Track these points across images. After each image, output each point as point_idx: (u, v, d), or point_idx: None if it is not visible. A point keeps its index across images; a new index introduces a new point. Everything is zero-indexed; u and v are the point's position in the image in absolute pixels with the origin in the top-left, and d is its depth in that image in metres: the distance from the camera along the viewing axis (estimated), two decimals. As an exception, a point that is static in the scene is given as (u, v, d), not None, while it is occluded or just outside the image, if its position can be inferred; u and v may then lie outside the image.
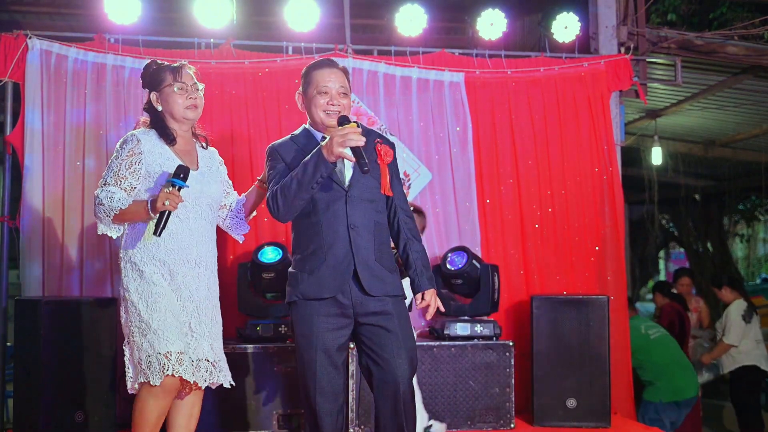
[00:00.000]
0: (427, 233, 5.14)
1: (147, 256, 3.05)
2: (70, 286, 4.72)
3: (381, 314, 3.00)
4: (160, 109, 3.17)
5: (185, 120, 3.18)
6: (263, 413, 4.34)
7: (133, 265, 3.06)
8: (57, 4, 6.49)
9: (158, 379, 2.95)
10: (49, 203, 4.73)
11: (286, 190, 2.94)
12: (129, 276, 3.07)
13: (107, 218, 3.05)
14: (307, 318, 2.98)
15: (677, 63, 5.80)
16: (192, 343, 3.04)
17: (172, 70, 3.17)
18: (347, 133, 2.86)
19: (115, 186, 3.04)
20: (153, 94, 3.18)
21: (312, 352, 2.95)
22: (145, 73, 3.24)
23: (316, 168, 2.89)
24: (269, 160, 3.12)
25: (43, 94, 4.76)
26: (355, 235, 2.99)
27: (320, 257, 2.99)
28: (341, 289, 2.97)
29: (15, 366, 4.46)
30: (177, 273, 3.05)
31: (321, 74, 3.08)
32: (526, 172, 5.31)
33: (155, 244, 3.03)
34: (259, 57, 5.09)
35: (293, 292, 3.03)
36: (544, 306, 4.78)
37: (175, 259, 3.05)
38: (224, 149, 4.95)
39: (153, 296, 3.01)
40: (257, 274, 4.48)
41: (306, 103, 3.13)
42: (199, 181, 3.14)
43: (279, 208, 2.97)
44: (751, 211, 13.06)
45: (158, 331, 2.97)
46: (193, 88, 3.16)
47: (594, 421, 4.67)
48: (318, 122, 3.10)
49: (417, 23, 5.26)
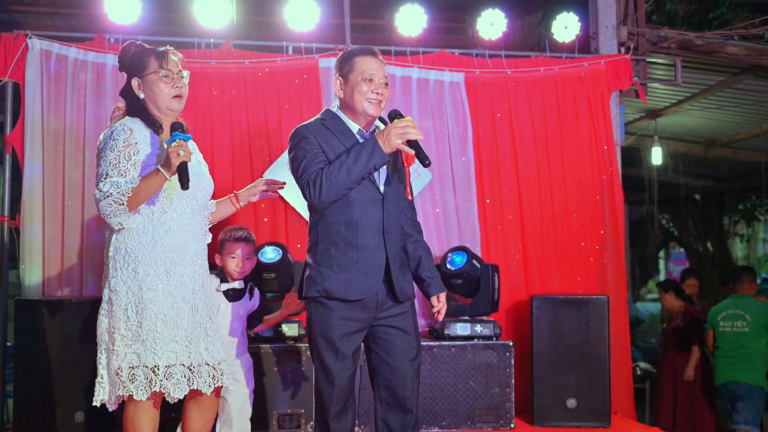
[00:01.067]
0: (426, 233, 5.12)
1: (143, 255, 2.81)
2: (70, 286, 4.72)
3: (397, 315, 2.98)
4: (142, 97, 2.93)
5: (169, 111, 2.95)
6: (263, 413, 4.33)
7: (125, 265, 2.81)
8: (57, 4, 6.49)
9: (144, 394, 2.76)
10: (49, 203, 4.73)
11: (332, 176, 2.81)
12: (119, 277, 2.82)
13: (120, 206, 2.74)
14: (328, 320, 2.91)
15: (677, 63, 5.81)
16: (191, 349, 2.83)
17: (157, 56, 2.93)
18: (406, 126, 2.84)
19: (119, 177, 2.79)
20: (135, 80, 2.94)
21: (332, 356, 2.91)
22: (125, 55, 2.97)
23: (370, 158, 2.81)
24: (300, 140, 2.94)
25: (43, 94, 4.76)
26: (389, 240, 2.95)
27: (351, 258, 2.91)
28: (369, 294, 2.91)
29: (15, 366, 4.46)
30: (174, 273, 2.84)
31: (366, 61, 3.00)
32: (526, 172, 5.31)
33: (152, 243, 2.81)
34: (259, 57, 5.09)
35: (315, 288, 2.92)
36: (544, 306, 4.78)
37: (173, 257, 2.84)
38: (223, 149, 4.98)
39: (144, 302, 2.78)
40: (257, 274, 4.47)
41: (347, 89, 2.99)
42: (194, 173, 2.88)
43: (321, 193, 2.82)
44: (751, 211, 13.05)
45: (147, 342, 2.76)
46: (178, 76, 2.95)
47: (594, 421, 4.67)
48: (359, 110, 2.97)
49: (417, 23, 5.26)
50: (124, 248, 2.83)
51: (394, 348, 2.97)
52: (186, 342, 2.83)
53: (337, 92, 3.05)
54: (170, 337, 2.80)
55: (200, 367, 2.85)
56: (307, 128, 2.98)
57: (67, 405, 4.11)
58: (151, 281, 2.80)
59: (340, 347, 2.90)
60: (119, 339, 2.79)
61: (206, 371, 2.85)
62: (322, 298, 2.92)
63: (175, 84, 2.93)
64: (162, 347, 2.77)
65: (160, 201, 2.86)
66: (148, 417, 2.85)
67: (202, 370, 2.85)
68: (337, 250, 2.92)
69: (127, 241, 2.84)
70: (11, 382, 4.85)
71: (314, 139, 2.94)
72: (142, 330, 2.77)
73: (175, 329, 2.81)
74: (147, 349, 2.77)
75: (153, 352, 2.76)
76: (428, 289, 3.11)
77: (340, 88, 3.03)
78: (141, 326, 2.78)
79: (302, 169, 2.90)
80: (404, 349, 2.98)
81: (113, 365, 2.80)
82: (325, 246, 2.95)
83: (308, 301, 2.99)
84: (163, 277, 2.82)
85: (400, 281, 2.97)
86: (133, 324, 2.79)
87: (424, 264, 3.11)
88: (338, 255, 2.92)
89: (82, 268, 4.74)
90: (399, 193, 3.03)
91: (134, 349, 2.78)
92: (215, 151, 4.93)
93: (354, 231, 2.91)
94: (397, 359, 2.97)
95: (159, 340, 2.77)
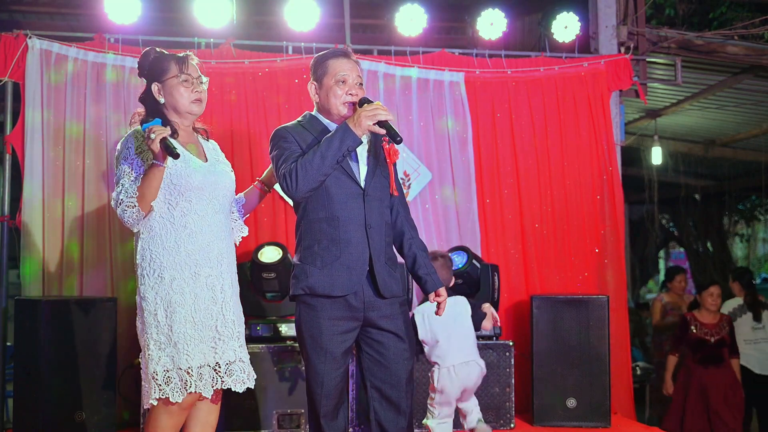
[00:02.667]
0: (426, 233, 5.14)
1: (167, 260, 2.83)
2: (70, 286, 4.72)
3: (389, 317, 2.98)
4: (162, 102, 2.96)
5: (189, 114, 2.98)
6: (263, 413, 4.34)
7: (152, 271, 2.84)
8: (57, 4, 6.49)
9: (180, 396, 2.78)
10: (49, 203, 4.73)
11: (307, 164, 2.84)
12: (147, 284, 2.84)
13: (132, 209, 2.77)
14: (315, 320, 2.92)
15: (677, 63, 5.81)
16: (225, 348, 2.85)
17: (178, 61, 2.96)
18: (376, 108, 2.85)
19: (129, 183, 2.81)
20: (155, 85, 2.96)
21: (320, 357, 2.92)
22: (145, 61, 3.00)
23: (342, 141, 2.83)
24: (279, 140, 2.98)
25: (43, 94, 4.77)
26: (372, 235, 2.95)
27: (334, 254, 2.92)
28: (354, 289, 2.92)
29: (15, 366, 4.46)
30: (200, 274, 2.85)
31: (338, 63, 3.01)
32: (526, 172, 5.31)
33: (175, 246, 2.83)
34: (259, 57, 5.09)
35: (299, 285, 2.94)
36: (544, 306, 4.78)
37: (197, 259, 2.85)
38: (224, 149, 4.91)
39: (172, 305, 2.80)
40: (257, 273, 4.47)
41: (321, 93, 3.02)
42: (212, 173, 2.94)
43: (298, 182, 2.84)
44: (751, 211, 13.04)
45: (178, 345, 2.79)
46: (198, 81, 2.98)
47: (594, 421, 4.67)
48: (334, 114, 3.00)
49: (417, 23, 5.26)
50: (150, 254, 2.86)
51: (387, 350, 2.98)
52: (213, 342, 2.85)
53: (313, 96, 3.08)
54: (200, 338, 2.82)
55: (234, 365, 2.86)
56: (285, 128, 3.03)
57: (67, 405, 4.12)
58: (178, 285, 2.82)
59: (328, 348, 2.91)
60: (152, 343, 2.82)
61: (240, 368, 2.88)
62: (307, 296, 2.93)
63: (194, 88, 2.96)
64: (193, 349, 2.80)
65: (180, 204, 2.86)
66: (172, 421, 2.86)
67: (234, 368, 2.86)
68: (320, 246, 2.93)
69: (152, 247, 2.86)
70: (11, 382, 4.85)
71: (292, 137, 2.97)
72: (173, 333, 2.80)
73: (203, 330, 2.83)
74: (179, 351, 2.79)
75: (186, 354, 2.79)
76: (426, 286, 3.11)
77: (316, 92, 3.06)
78: (171, 330, 2.80)
79: (280, 164, 2.93)
80: (398, 350, 2.98)
81: (150, 369, 2.82)
82: (309, 243, 2.96)
83: (296, 302, 3.01)
84: (189, 280, 2.84)
85: (384, 277, 2.96)
86: (164, 328, 2.81)
87: (420, 261, 3.11)
88: (321, 251, 2.93)
89: (82, 268, 4.74)
90: (382, 189, 3.03)
91: (167, 353, 2.80)
92: (215, 151, 4.94)
93: (336, 227, 2.93)
94: (390, 360, 2.98)
95: (190, 343, 2.80)
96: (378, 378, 2.99)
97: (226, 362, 2.85)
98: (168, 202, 2.85)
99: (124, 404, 4.59)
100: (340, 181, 2.93)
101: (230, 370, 2.86)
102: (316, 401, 2.95)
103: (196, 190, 2.87)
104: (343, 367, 2.98)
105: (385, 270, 2.98)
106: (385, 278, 2.96)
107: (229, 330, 2.89)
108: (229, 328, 2.89)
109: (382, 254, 2.99)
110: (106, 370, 4.27)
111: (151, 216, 2.85)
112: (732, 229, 13.16)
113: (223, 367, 2.84)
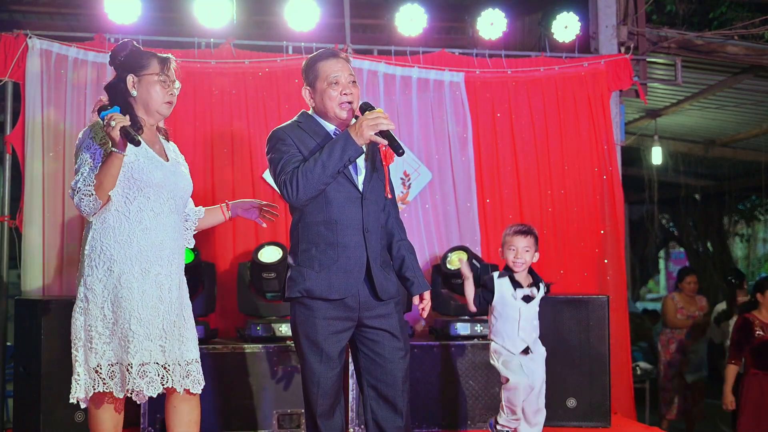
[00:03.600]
0: (426, 233, 5.15)
1: (118, 254, 2.81)
2: (70, 286, 4.71)
3: (384, 317, 2.99)
4: (134, 95, 2.94)
5: (158, 114, 2.98)
6: (263, 413, 4.34)
7: (101, 263, 2.81)
8: (57, 4, 6.49)
9: (122, 392, 2.79)
10: (49, 203, 4.73)
11: (308, 172, 2.83)
12: (95, 275, 2.81)
13: (89, 197, 2.75)
14: (310, 321, 2.93)
15: (677, 63, 5.81)
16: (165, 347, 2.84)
17: (161, 60, 2.97)
18: (377, 117, 2.84)
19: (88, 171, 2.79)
20: (131, 77, 2.93)
21: (316, 357, 2.92)
22: (122, 51, 2.97)
23: (344, 151, 2.82)
24: (277, 142, 2.96)
25: (43, 94, 4.76)
26: (370, 239, 2.96)
27: (331, 257, 2.92)
28: (351, 293, 2.92)
29: (15, 366, 4.46)
30: (150, 272, 2.84)
31: (329, 65, 3.00)
32: (526, 171, 5.31)
33: (128, 240, 2.82)
34: (259, 57, 5.09)
35: (296, 288, 2.93)
36: (544, 306, 4.76)
37: (148, 256, 2.84)
38: (224, 149, 4.98)
39: (119, 300, 2.78)
40: (257, 273, 4.47)
41: (316, 97, 3.01)
42: (173, 173, 2.94)
43: (298, 191, 2.83)
44: (751, 211, 13.06)
45: (124, 341, 2.78)
46: (173, 84, 2.99)
47: (594, 421, 4.67)
48: (332, 116, 2.99)
49: (417, 23, 5.26)
50: (100, 246, 2.84)
51: (383, 348, 2.98)
52: (161, 341, 2.84)
53: (308, 102, 3.07)
54: (144, 335, 2.80)
55: (175, 366, 2.86)
56: (283, 130, 3.01)
57: (67, 405, 4.05)
58: (126, 279, 2.81)
59: (324, 348, 2.92)
60: (97, 337, 2.80)
61: (179, 371, 2.87)
62: (304, 298, 2.93)
63: (169, 91, 2.97)
64: (136, 345, 2.78)
65: (138, 199, 2.86)
66: (112, 417, 2.89)
67: (176, 369, 2.86)
68: (318, 249, 2.93)
69: (103, 239, 2.84)
70: (11, 382, 4.85)
71: (290, 140, 2.96)
72: (118, 328, 2.79)
73: (149, 327, 2.82)
74: (122, 347, 2.79)
75: (126, 350, 2.78)
76: (412, 288, 3.12)
77: (311, 97, 3.05)
78: (116, 324, 2.80)
79: (279, 169, 2.92)
80: (393, 349, 2.99)
81: (92, 362, 2.81)
82: (306, 246, 2.96)
83: (291, 303, 3.00)
84: (138, 276, 2.82)
85: (381, 280, 2.97)
86: (109, 322, 2.81)
87: (408, 263, 3.11)
88: (319, 255, 2.93)
89: (82, 268, 4.74)
90: (379, 192, 3.04)
91: (112, 347, 2.80)
92: (215, 151, 4.94)
93: (334, 230, 2.93)
94: (386, 359, 2.98)
95: (133, 339, 2.78)
96: (374, 377, 3.00)
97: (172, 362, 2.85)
98: (126, 195, 2.84)
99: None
100: (339, 185, 2.92)
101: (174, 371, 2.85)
102: (313, 401, 2.96)
103: (155, 187, 2.87)
104: (339, 366, 2.98)
105: (381, 273, 2.99)
106: (382, 281, 2.97)
107: (173, 331, 2.88)
108: (173, 330, 2.89)
109: (379, 257, 3.00)
110: (106, 370, 4.26)
111: (107, 207, 2.83)
112: (732, 229, 13.17)
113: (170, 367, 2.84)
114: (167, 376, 2.84)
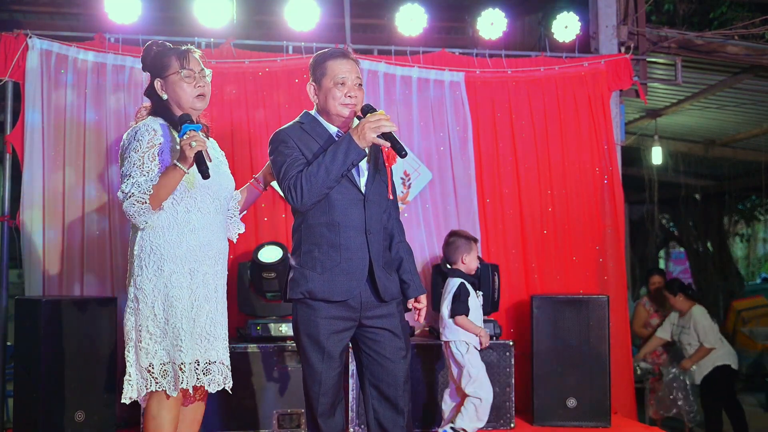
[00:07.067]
0: (427, 233, 5.15)
1: (169, 253, 2.82)
2: (70, 286, 4.72)
3: (385, 317, 3.00)
4: (165, 98, 2.93)
5: (193, 110, 2.93)
6: (263, 413, 4.34)
7: (151, 263, 2.82)
8: (57, 3, 6.49)
9: (175, 391, 2.80)
10: (49, 203, 4.73)
11: (312, 177, 2.84)
12: (144, 275, 2.82)
13: (143, 205, 2.74)
14: (312, 320, 2.93)
15: (677, 63, 5.81)
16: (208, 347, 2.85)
17: (179, 55, 2.92)
18: (379, 119, 2.84)
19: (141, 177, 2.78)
20: (157, 81, 2.94)
21: (317, 356, 2.93)
22: (147, 56, 2.98)
23: (347, 154, 2.82)
24: (280, 144, 2.96)
25: (43, 94, 4.76)
26: (372, 240, 2.96)
27: (334, 259, 2.92)
28: (353, 294, 2.93)
29: (15, 366, 4.47)
30: (197, 271, 2.85)
31: (337, 64, 2.99)
32: (526, 171, 5.31)
33: (177, 240, 2.83)
34: (259, 57, 5.09)
35: (299, 290, 2.94)
36: (544, 306, 4.78)
37: (197, 256, 2.85)
38: (224, 149, 4.92)
39: (170, 299, 2.80)
40: (257, 273, 4.48)
41: (320, 94, 3.01)
42: (217, 173, 2.90)
43: (303, 195, 2.85)
44: (751, 211, 13.06)
45: (175, 340, 2.79)
46: (200, 75, 2.94)
47: (594, 421, 4.67)
48: (333, 115, 2.99)
49: (417, 23, 5.26)
50: (150, 246, 2.84)
51: (384, 348, 2.99)
52: (205, 340, 2.86)
53: (312, 98, 3.07)
54: (192, 334, 2.83)
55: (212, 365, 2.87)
56: (286, 132, 3.01)
57: (67, 405, 4.11)
58: (176, 279, 2.82)
59: (326, 346, 2.92)
60: (148, 336, 2.81)
61: (218, 369, 2.88)
62: (306, 299, 2.94)
63: (197, 83, 2.93)
64: (188, 344, 2.80)
65: (185, 200, 2.87)
66: (170, 415, 2.86)
67: (214, 368, 2.87)
68: (320, 251, 2.94)
69: (153, 239, 2.84)
70: (11, 382, 4.85)
71: (293, 142, 2.96)
72: (170, 327, 2.81)
73: (196, 326, 2.84)
74: (174, 346, 2.80)
75: (180, 349, 2.79)
76: (407, 291, 3.12)
77: (315, 93, 3.04)
78: (168, 324, 2.81)
79: (283, 173, 2.92)
80: (394, 349, 2.99)
81: (143, 362, 2.82)
82: (309, 248, 2.96)
83: (293, 303, 3.01)
84: (187, 275, 2.84)
85: (383, 281, 2.98)
86: (160, 321, 2.82)
87: (405, 266, 3.11)
88: (321, 256, 2.93)
89: (82, 268, 4.74)
90: (381, 193, 3.04)
91: (163, 346, 2.81)
92: (215, 151, 4.93)
93: (336, 232, 2.93)
94: (387, 358, 2.98)
95: (185, 338, 2.80)
96: (375, 376, 3.00)
97: (206, 361, 2.85)
98: (173, 197, 2.84)
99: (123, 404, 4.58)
100: (342, 187, 2.93)
101: (208, 369, 2.86)
102: (314, 399, 2.96)
103: (202, 188, 2.87)
104: (341, 366, 2.99)
105: (384, 274, 2.99)
106: (384, 283, 2.98)
107: (217, 330, 2.90)
108: (217, 329, 2.90)
109: (381, 258, 3.00)
110: (106, 370, 4.27)
111: None
112: (732, 229, 13.17)
113: (202, 365, 2.84)
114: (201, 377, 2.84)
